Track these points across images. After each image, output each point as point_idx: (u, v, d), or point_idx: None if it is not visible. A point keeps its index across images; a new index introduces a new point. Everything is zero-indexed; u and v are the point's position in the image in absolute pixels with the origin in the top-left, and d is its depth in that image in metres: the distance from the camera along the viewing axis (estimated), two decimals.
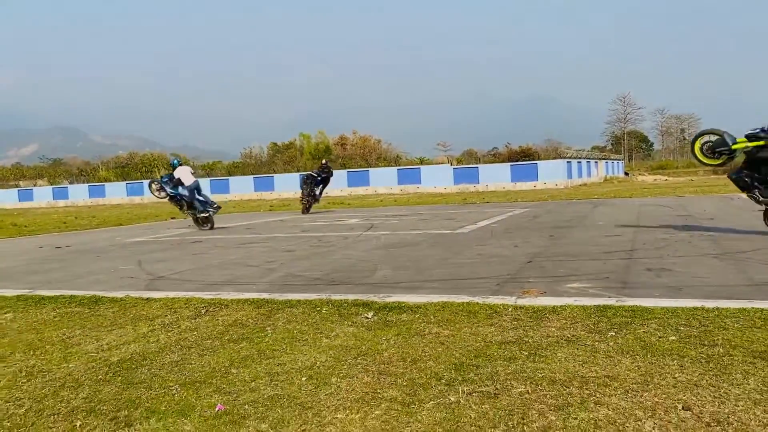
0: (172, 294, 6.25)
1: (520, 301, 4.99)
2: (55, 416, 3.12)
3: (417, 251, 8.73)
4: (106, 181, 64.15)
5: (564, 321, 4.31)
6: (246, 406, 3.10)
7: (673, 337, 3.80)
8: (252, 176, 54.42)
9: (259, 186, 50.91)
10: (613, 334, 3.94)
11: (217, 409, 3.08)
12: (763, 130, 8.23)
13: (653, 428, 2.58)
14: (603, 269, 6.40)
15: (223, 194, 48.82)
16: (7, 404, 3.33)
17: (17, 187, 66.83)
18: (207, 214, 14.98)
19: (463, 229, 11.84)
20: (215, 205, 15.14)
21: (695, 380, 3.08)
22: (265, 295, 5.85)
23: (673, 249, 7.63)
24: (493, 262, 7.27)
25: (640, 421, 2.65)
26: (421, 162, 63.40)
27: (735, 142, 8.56)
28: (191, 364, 3.88)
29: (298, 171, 56.39)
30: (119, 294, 6.37)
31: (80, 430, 2.94)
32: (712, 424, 2.58)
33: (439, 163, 59.47)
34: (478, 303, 4.98)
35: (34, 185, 69.23)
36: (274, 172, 60.07)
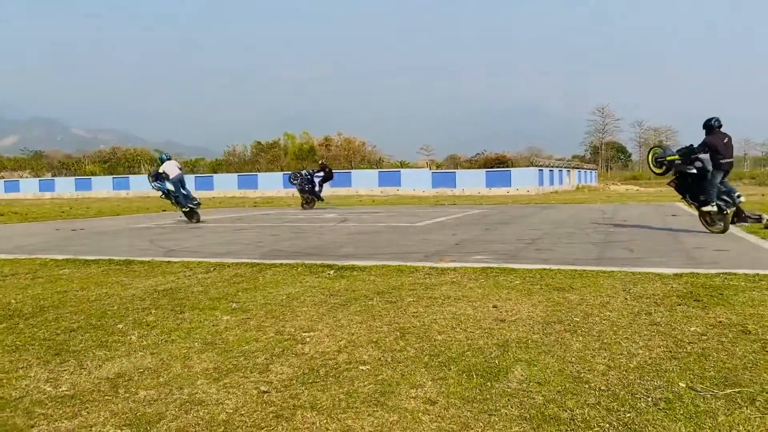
0: (185, 259, 8.39)
1: (435, 265, 7.23)
2: (137, 311, 5.27)
3: (377, 237, 10.98)
4: (92, 174, 65.59)
5: (456, 274, 6.55)
6: (250, 306, 5.28)
7: (518, 281, 6.05)
8: (236, 174, 56.26)
9: (243, 184, 52.79)
10: (483, 280, 6.18)
11: (233, 306, 5.26)
12: (680, 149, 10.41)
13: (471, 314, 4.80)
14: (505, 249, 8.68)
15: (207, 191, 50.67)
16: (104, 305, 5.47)
17: (1, 178, 67.96)
18: (187, 209, 15.91)
19: (421, 223, 14.13)
20: (195, 201, 16.03)
21: (508, 297, 5.32)
22: (257, 260, 8.03)
23: (568, 239, 9.95)
24: (430, 244, 9.53)
25: (467, 311, 4.87)
26: (402, 165, 65.73)
27: (672, 154, 10.60)
28: (210, 291, 6.05)
29: (281, 170, 58.38)
30: (145, 258, 8.51)
31: (154, 316, 5.09)
32: (502, 317, 4.81)
33: (420, 168, 61.93)
34: (406, 265, 7.21)
35: (21, 177, 70.38)
36: (258, 170, 61.97)
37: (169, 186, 15.86)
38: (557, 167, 56.38)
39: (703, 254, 7.84)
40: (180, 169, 16.41)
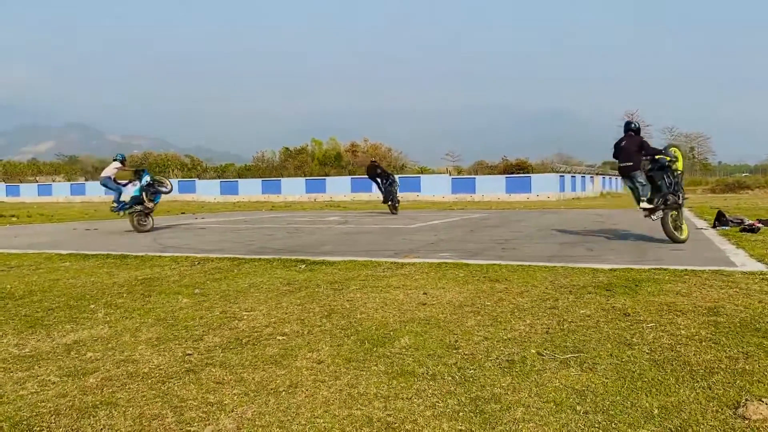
0: (176, 254, 9.11)
1: (397, 260, 7.81)
2: (111, 295, 5.96)
3: (363, 237, 11.60)
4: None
5: (412, 268, 7.13)
6: (210, 292, 5.94)
7: (462, 274, 6.61)
8: (260, 179, 57.39)
9: (267, 189, 53.82)
10: (433, 273, 6.75)
11: (195, 292, 5.93)
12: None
13: (400, 299, 5.37)
14: (474, 248, 9.22)
15: (232, 195, 51.84)
16: (86, 290, 6.17)
17: (36, 182, 70.25)
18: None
19: (413, 225, 14.71)
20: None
21: (442, 286, 5.88)
22: (240, 256, 8.71)
23: (541, 240, 10.44)
24: (408, 243, 10.11)
25: (398, 297, 5.45)
26: (422, 171, 66.27)
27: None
28: (184, 279, 6.73)
29: (305, 175, 59.40)
30: (140, 253, 9.25)
31: (124, 299, 5.76)
32: (425, 301, 5.37)
33: (440, 173, 62.39)
34: (371, 260, 7.81)
35: (53, 181, 72.64)
36: (283, 176, 63.09)
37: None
38: (581, 173, 56.33)
39: (656, 252, 8.28)
40: (117, 169, 14.76)
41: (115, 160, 15.06)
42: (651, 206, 9.47)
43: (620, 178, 10.61)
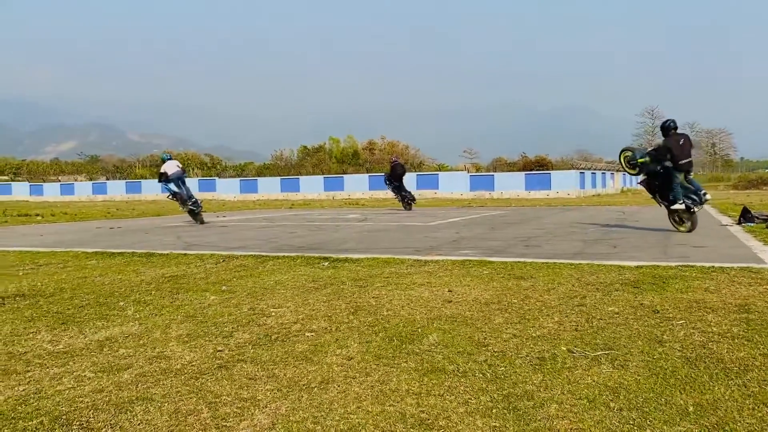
0: (201, 252, 9.19)
1: (420, 257, 7.82)
2: (140, 292, 6.03)
3: (384, 234, 11.62)
4: (142, 178, 68.08)
5: (435, 265, 7.13)
6: (237, 289, 5.99)
7: (487, 271, 6.60)
8: (279, 177, 57.67)
9: (286, 187, 54.07)
10: (456, 270, 6.75)
11: (223, 289, 5.98)
12: (649, 152, 10.84)
13: (425, 297, 5.38)
14: (496, 246, 9.19)
15: (251, 194, 52.17)
16: (114, 288, 6.26)
17: (58, 181, 71.23)
18: (187, 209, 16.17)
19: (433, 222, 14.70)
20: (193, 200, 16.14)
21: (467, 284, 5.88)
22: (264, 253, 8.76)
23: (564, 237, 10.38)
24: (429, 240, 10.11)
25: (423, 294, 5.46)
26: (440, 168, 66.15)
27: (642, 157, 11.09)
28: (210, 277, 6.79)
29: (323, 173, 59.53)
30: (165, 251, 9.34)
31: (153, 296, 5.83)
32: (451, 299, 5.38)
33: (458, 171, 62.23)
34: (393, 257, 7.82)
35: (75, 180, 73.61)
36: (302, 174, 63.32)
37: (173, 187, 16.12)
38: (601, 170, 55.85)
39: (680, 250, 8.20)
40: (179, 167, 16.51)
41: (170, 159, 16.54)
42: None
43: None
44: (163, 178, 16.23)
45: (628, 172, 11.62)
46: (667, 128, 10.48)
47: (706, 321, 4.26)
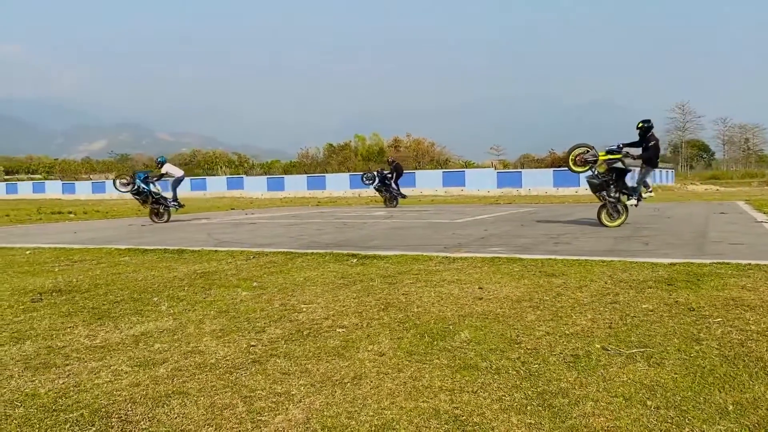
0: (232, 249, 9.29)
1: (449, 254, 7.80)
2: (173, 288, 6.12)
3: (411, 231, 11.61)
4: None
5: (464, 262, 7.11)
6: (268, 285, 6.04)
7: (517, 268, 6.55)
8: (305, 175, 57.99)
9: (312, 184, 54.40)
10: (486, 267, 6.71)
11: (254, 285, 6.04)
12: (618, 147, 10.91)
13: (455, 294, 5.37)
14: (526, 243, 9.13)
15: (278, 191, 52.56)
16: (148, 283, 6.36)
17: (90, 180, 72.54)
18: (166, 206, 16.27)
19: (461, 220, 14.65)
20: (172, 202, 16.41)
21: (498, 281, 5.85)
22: (293, 250, 8.82)
23: (594, 233, 10.26)
24: (457, 238, 10.07)
25: (453, 291, 5.45)
26: (467, 165, 65.87)
27: (605, 153, 11.10)
28: (241, 273, 6.86)
29: (348, 171, 59.70)
30: (197, 248, 9.46)
31: (186, 292, 5.91)
32: (482, 296, 5.35)
33: (486, 167, 61.94)
34: (422, 255, 7.81)
35: (106, 179, 74.87)
36: (327, 171, 63.58)
37: (152, 187, 16.08)
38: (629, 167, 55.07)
39: (715, 247, 8.05)
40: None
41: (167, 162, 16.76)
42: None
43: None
44: (148, 180, 16.08)
45: (576, 171, 11.44)
46: (651, 128, 11.07)
47: (744, 319, 4.18)
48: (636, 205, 11.34)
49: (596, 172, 11.08)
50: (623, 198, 11.06)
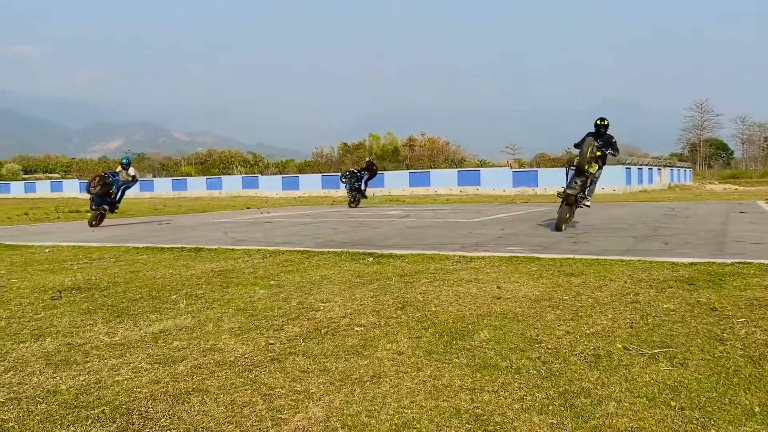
0: (248, 247, 9.32)
1: (466, 253, 7.76)
2: (191, 286, 6.14)
3: (427, 230, 11.58)
4: (187, 175, 69.43)
5: (481, 262, 7.07)
6: (285, 283, 6.05)
7: (535, 268, 6.51)
8: (320, 174, 58.08)
9: (326, 184, 54.42)
10: (504, 267, 6.68)
11: (271, 283, 6.05)
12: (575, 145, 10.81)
13: (473, 293, 5.34)
14: (543, 242, 9.06)
15: (293, 190, 52.69)
16: (166, 281, 6.39)
17: None
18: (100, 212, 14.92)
19: (477, 219, 14.59)
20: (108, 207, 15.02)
21: (516, 280, 5.81)
22: (309, 249, 8.83)
23: (612, 232, 10.18)
24: (474, 237, 10.03)
25: (471, 290, 5.42)
26: (482, 164, 65.65)
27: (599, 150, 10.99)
28: (258, 271, 6.87)
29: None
30: (213, 246, 9.50)
31: (203, 290, 5.93)
32: (500, 295, 5.32)
33: (501, 166, 61.68)
34: (438, 254, 7.79)
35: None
36: (341, 171, 63.65)
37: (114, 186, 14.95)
38: (647, 165, 54.60)
39: (735, 246, 7.96)
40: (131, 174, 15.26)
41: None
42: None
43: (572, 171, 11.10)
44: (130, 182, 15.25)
45: (590, 172, 11.00)
46: (607, 126, 11.06)
47: None
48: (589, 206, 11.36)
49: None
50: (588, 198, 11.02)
